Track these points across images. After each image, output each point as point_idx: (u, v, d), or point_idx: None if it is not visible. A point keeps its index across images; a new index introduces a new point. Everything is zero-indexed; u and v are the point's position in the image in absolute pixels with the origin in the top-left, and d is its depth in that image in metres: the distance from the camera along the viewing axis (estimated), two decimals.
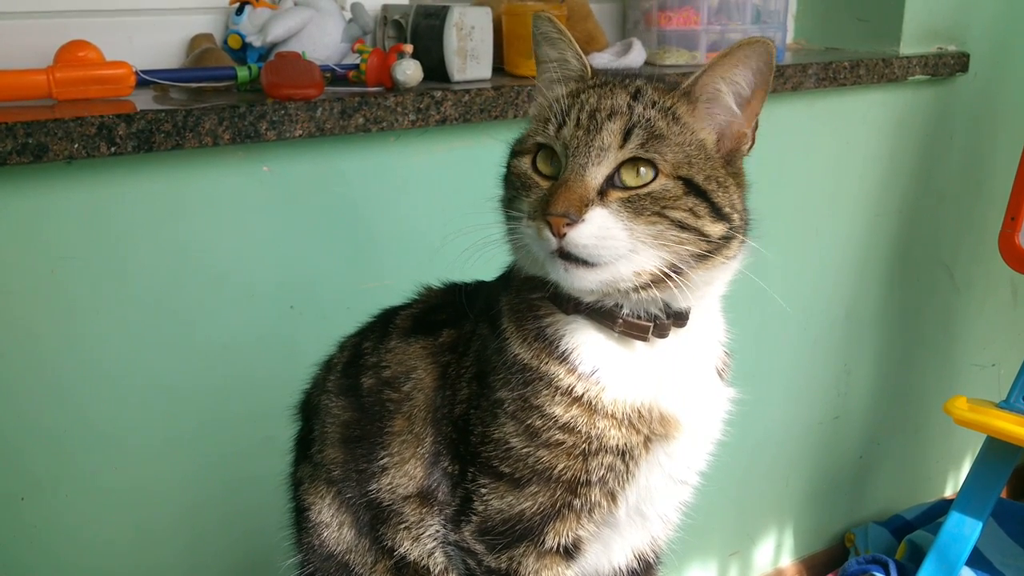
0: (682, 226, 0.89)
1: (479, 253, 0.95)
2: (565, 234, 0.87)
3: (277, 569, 1.15)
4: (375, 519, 1.04)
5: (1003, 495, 2.47)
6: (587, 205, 0.87)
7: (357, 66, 1.57)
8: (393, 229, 1.65)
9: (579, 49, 0.98)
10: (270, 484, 1.19)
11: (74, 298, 1.41)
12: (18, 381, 1.40)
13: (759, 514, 2.44)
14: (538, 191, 0.92)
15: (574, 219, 0.86)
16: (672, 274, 0.90)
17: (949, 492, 2.83)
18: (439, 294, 1.13)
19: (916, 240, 2.43)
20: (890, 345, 2.51)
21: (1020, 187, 1.98)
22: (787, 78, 1.94)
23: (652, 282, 0.90)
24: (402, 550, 1.03)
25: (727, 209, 0.92)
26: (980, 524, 2.00)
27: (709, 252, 0.91)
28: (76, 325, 1.42)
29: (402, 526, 1.03)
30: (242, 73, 1.52)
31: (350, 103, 1.48)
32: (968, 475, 2.06)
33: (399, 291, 1.16)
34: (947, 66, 2.21)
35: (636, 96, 0.93)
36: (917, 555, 2.31)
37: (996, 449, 2.00)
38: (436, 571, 1.03)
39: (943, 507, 2.56)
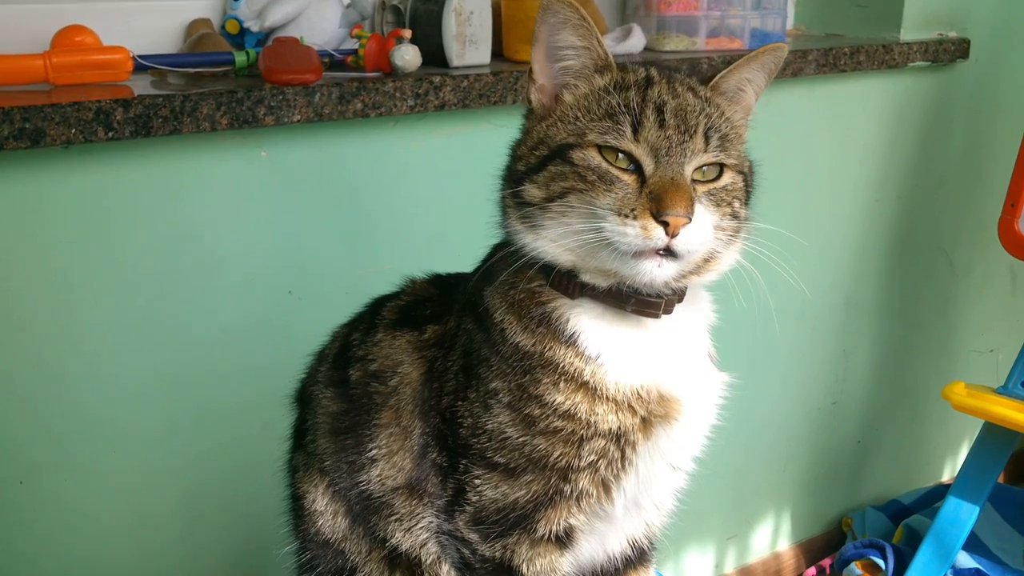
0: (734, 215, 0.96)
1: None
2: (678, 233, 0.89)
3: (275, 554, 1.15)
4: (366, 509, 1.04)
5: (1000, 480, 2.48)
6: (693, 203, 0.90)
7: (355, 51, 1.57)
8: (392, 214, 1.65)
9: (600, 36, 0.97)
10: (269, 470, 1.20)
11: (72, 283, 1.41)
12: (15, 366, 1.40)
13: (757, 498, 2.45)
14: (623, 187, 0.91)
15: (690, 219, 0.89)
16: (710, 258, 0.96)
17: (946, 477, 2.84)
18: (424, 286, 1.13)
19: (915, 226, 2.43)
20: (889, 330, 2.51)
21: (1020, 173, 1.98)
22: (787, 64, 1.93)
23: (699, 266, 0.96)
24: (394, 540, 1.04)
25: (750, 186, 1.00)
26: (977, 509, 2.00)
27: (735, 236, 0.97)
28: (74, 310, 1.42)
29: (393, 517, 1.03)
30: (240, 58, 1.51)
31: (348, 88, 1.47)
32: (966, 460, 2.06)
33: (398, 276, 1.16)
34: (947, 52, 2.21)
35: (694, 91, 0.96)
36: (914, 540, 2.32)
37: (994, 434, 2.00)
38: (428, 561, 1.03)
39: (940, 492, 2.57)
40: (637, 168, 0.91)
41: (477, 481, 0.98)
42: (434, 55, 1.64)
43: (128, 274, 1.45)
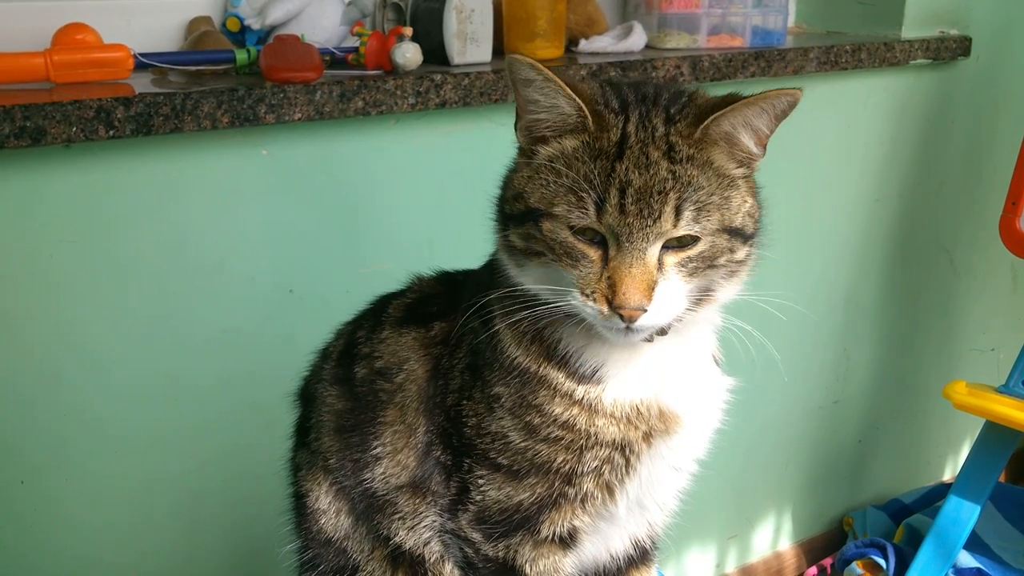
0: (723, 265, 0.92)
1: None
2: (636, 319, 0.87)
3: (277, 554, 1.15)
4: (370, 507, 1.04)
5: (1001, 479, 2.48)
6: (654, 288, 0.87)
7: (356, 49, 1.57)
8: (393, 213, 1.65)
9: (570, 91, 0.89)
10: (270, 470, 1.19)
11: (72, 282, 1.41)
12: (14, 366, 1.40)
13: (758, 498, 2.45)
14: (588, 264, 0.88)
15: (646, 308, 0.86)
16: (702, 297, 0.93)
17: (947, 476, 2.84)
18: (431, 283, 1.13)
19: (916, 225, 2.43)
20: (890, 329, 2.51)
21: (1021, 172, 1.98)
22: (788, 62, 1.93)
23: (692, 305, 0.92)
24: (398, 539, 1.03)
25: (751, 230, 0.93)
26: (978, 508, 2.00)
27: (736, 271, 0.94)
28: (74, 309, 1.42)
29: (396, 516, 1.03)
30: (241, 56, 1.51)
31: (349, 86, 1.47)
32: (967, 459, 2.06)
33: (398, 275, 1.16)
34: (949, 50, 2.20)
35: (671, 154, 0.87)
36: (915, 539, 2.32)
37: (995, 433, 2.00)
38: (431, 560, 1.03)
39: (941, 491, 2.56)
40: (604, 241, 0.88)
41: (480, 481, 0.98)
42: (435, 53, 1.63)
43: (128, 273, 1.45)
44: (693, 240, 0.88)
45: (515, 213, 0.93)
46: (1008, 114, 2.42)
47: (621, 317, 0.86)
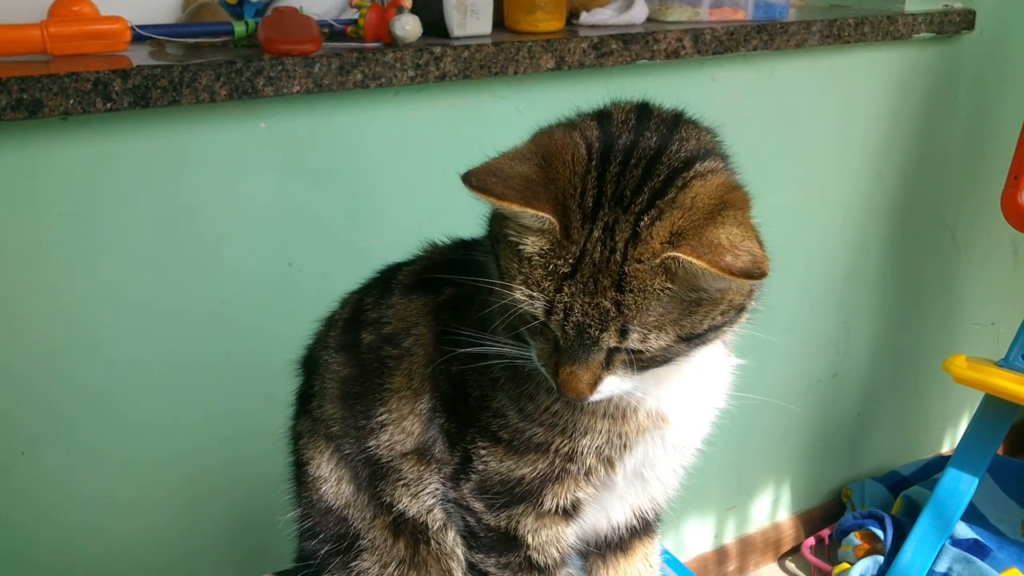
0: (686, 352, 0.87)
1: None
2: (580, 401, 0.88)
3: (278, 524, 1.16)
4: (374, 475, 1.04)
5: (1000, 452, 2.49)
6: (597, 384, 0.86)
7: (355, 21, 1.56)
8: (392, 186, 1.64)
9: (535, 211, 0.82)
10: (270, 441, 1.20)
11: (69, 256, 1.41)
12: (11, 340, 1.40)
13: (757, 469, 2.46)
14: (543, 341, 0.88)
15: (587, 398, 0.86)
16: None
17: (946, 449, 2.85)
18: (443, 251, 1.11)
19: (918, 199, 2.42)
20: (890, 303, 2.51)
21: (1023, 146, 1.97)
22: (791, 35, 1.92)
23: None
24: (401, 506, 1.03)
25: (729, 319, 0.88)
26: (976, 480, 2.01)
27: (712, 341, 0.90)
28: (71, 283, 1.42)
29: (400, 483, 1.03)
30: (239, 28, 1.50)
31: (348, 59, 1.46)
32: (966, 432, 2.07)
33: (398, 248, 1.15)
34: (953, 23, 2.19)
35: (622, 284, 0.81)
36: (913, 510, 2.33)
37: (994, 407, 2.01)
38: (434, 527, 1.03)
39: (940, 463, 2.58)
40: None
41: (483, 452, 0.98)
42: (435, 25, 1.62)
43: (126, 246, 1.45)
44: (643, 350, 0.84)
45: (490, 246, 0.91)
46: (1011, 89, 2.41)
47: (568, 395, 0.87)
